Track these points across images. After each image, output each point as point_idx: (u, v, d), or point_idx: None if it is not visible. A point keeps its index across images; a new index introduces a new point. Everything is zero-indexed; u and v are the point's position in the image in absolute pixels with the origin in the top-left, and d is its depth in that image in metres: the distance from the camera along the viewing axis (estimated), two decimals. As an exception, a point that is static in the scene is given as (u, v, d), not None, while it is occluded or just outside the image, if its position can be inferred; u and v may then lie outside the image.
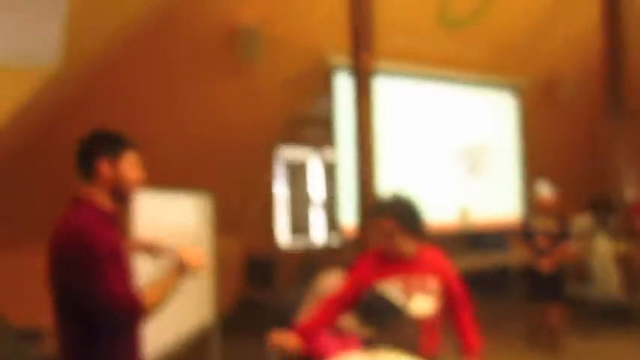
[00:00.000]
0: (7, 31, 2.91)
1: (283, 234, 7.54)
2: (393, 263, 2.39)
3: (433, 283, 2.38)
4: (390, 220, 2.35)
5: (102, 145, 1.90)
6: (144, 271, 2.14)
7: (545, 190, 5.28)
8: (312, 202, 7.85)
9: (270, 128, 6.60)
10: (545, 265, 5.18)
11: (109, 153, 1.89)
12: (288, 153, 7.63)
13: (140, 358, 1.96)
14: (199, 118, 5.56)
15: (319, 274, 4.53)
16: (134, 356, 1.92)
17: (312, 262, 6.17)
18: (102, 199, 1.88)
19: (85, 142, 1.91)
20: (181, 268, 1.93)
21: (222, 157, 6.16)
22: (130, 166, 1.92)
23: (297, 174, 7.87)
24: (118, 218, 1.94)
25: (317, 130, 7.18)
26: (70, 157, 1.95)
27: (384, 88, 5.76)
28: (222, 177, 6.25)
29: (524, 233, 5.45)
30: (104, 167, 1.87)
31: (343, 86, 5.54)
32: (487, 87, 6.86)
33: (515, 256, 5.57)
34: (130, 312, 1.76)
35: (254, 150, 6.63)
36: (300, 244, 7.54)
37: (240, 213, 6.84)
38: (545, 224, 5.28)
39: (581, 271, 5.93)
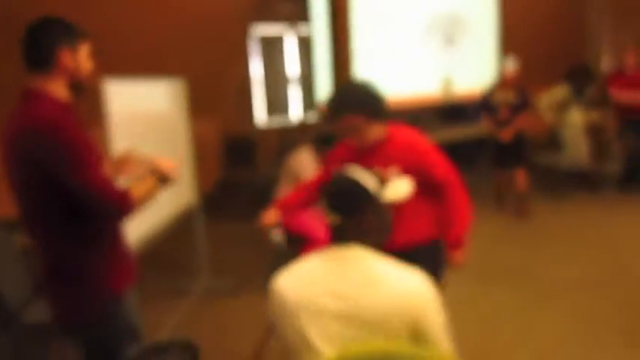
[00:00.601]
0: None
1: (261, 113, 7.50)
2: (362, 151, 2.36)
3: (394, 171, 2.31)
4: (354, 114, 2.26)
5: (61, 33, 1.78)
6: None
7: (509, 65, 5.40)
8: (289, 79, 7.73)
9: (241, 4, 6.32)
10: (506, 134, 5.50)
11: (70, 42, 1.78)
12: (263, 29, 7.36)
13: (124, 245, 1.99)
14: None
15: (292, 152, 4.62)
16: (118, 243, 1.94)
17: (289, 139, 6.20)
18: (59, 90, 1.79)
19: (41, 29, 1.77)
20: (161, 179, 1.94)
21: (194, 38, 5.96)
22: (86, 56, 1.84)
23: (272, 51, 7.65)
24: (75, 110, 1.85)
25: (291, 5, 6.89)
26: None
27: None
28: (195, 58, 6.07)
29: (484, 105, 5.66)
30: (66, 57, 1.77)
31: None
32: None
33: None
34: (119, 205, 1.76)
35: (226, 28, 6.40)
36: (278, 122, 7.53)
37: (216, 94, 6.75)
38: (505, 96, 5.49)
39: (553, 141, 6.10)
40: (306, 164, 4.32)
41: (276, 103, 7.69)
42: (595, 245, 4.73)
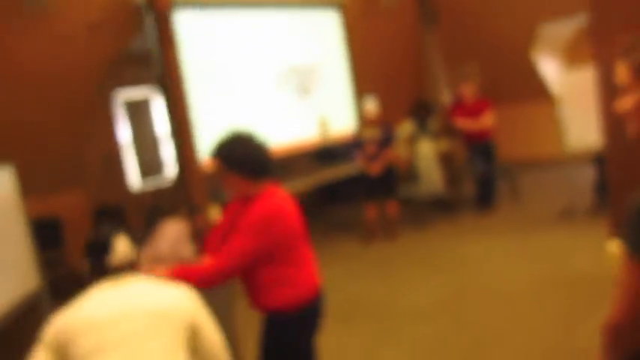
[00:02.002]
0: None
1: (133, 178, 7.40)
2: (243, 205, 2.32)
3: None
4: (215, 160, 2.29)
5: None
6: None
7: (369, 105, 5.85)
8: (160, 141, 7.72)
9: (94, 72, 6.30)
10: (374, 168, 5.93)
11: None
12: (127, 94, 7.35)
13: None
14: (6, 80, 5.19)
15: (163, 218, 4.60)
16: None
17: (157, 203, 6.17)
18: None
19: None
20: None
21: (51, 110, 5.87)
22: None
23: (140, 114, 7.64)
24: None
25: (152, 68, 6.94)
26: None
27: (197, 21, 5.64)
28: (54, 130, 5.98)
29: (355, 144, 6.07)
30: None
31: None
32: (308, 7, 6.88)
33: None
34: None
35: (85, 96, 6.34)
36: (151, 185, 7.46)
37: (82, 165, 6.63)
38: (372, 133, 5.90)
39: (409, 172, 6.48)
40: (163, 235, 4.32)
41: (150, 165, 7.64)
42: (448, 268, 5.03)
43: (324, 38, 6.98)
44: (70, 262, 6.27)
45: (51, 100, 5.84)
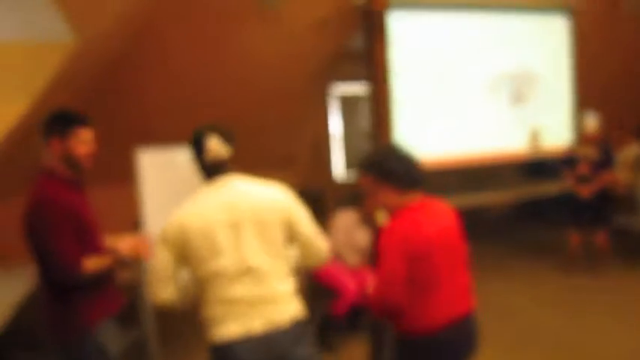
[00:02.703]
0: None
1: (338, 168, 7.84)
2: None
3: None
4: (364, 174, 2.26)
5: (53, 124, 2.31)
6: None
7: (589, 120, 5.32)
8: (367, 135, 8.02)
9: (314, 66, 6.75)
10: (585, 191, 5.34)
11: (59, 131, 2.30)
12: (343, 88, 7.79)
13: (100, 287, 2.39)
14: (238, 72, 5.83)
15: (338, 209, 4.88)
16: (94, 287, 2.35)
17: (351, 195, 6.43)
18: (59, 167, 2.32)
19: (43, 122, 2.33)
20: (121, 260, 2.42)
21: (273, 100, 6.45)
22: (78, 142, 2.32)
23: (352, 108, 8.04)
24: (79, 182, 2.40)
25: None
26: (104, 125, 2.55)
27: (412, 22, 5.66)
28: (274, 117, 6.57)
29: (567, 161, 5.56)
30: (55, 144, 2.30)
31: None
32: (532, 11, 6.41)
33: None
34: (65, 273, 2.20)
35: (306, 87, 6.82)
36: (354, 177, 7.81)
37: (293, 149, 7.20)
38: (588, 152, 5.38)
39: (630, 201, 5.70)
40: (337, 226, 4.57)
41: (355, 158, 8.01)
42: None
43: (548, 45, 6.45)
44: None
45: (273, 89, 6.39)
